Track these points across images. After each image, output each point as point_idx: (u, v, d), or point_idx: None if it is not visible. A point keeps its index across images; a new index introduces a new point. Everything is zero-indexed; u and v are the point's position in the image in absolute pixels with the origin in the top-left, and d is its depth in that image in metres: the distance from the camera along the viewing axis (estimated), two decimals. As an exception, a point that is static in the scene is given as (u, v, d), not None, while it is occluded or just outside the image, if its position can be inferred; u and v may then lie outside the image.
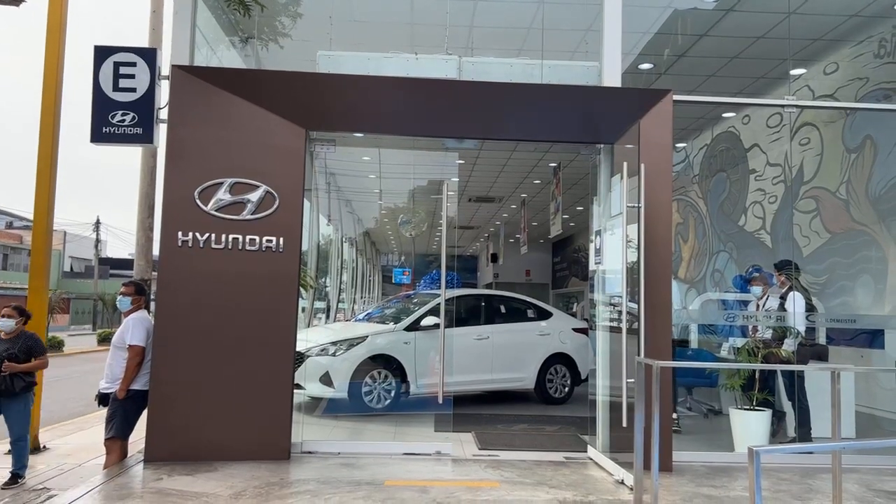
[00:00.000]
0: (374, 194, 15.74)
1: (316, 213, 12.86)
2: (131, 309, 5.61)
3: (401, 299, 10.05)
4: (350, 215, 17.86)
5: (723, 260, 10.70)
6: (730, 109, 9.97)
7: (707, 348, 8.90)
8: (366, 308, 13.42)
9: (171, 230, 5.54)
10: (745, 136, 10.09)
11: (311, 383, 7.79)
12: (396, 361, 8.07)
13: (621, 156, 5.80)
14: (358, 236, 20.25)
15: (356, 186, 14.66)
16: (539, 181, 15.27)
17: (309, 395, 8.09)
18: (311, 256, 12.78)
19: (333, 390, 7.78)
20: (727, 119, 10.49)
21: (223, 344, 5.53)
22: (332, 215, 15.76)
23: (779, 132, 9.09)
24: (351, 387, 7.80)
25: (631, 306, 5.37)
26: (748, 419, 6.24)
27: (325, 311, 14.80)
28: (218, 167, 5.63)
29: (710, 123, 10.89)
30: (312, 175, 12.08)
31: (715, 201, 10.90)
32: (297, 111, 5.77)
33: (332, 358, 7.86)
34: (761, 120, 9.54)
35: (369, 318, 9.50)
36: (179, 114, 5.63)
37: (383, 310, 9.81)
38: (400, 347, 8.14)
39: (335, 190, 14.38)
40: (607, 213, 6.00)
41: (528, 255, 26.03)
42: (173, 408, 5.45)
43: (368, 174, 13.29)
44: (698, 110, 10.18)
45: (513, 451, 6.19)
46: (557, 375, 9.26)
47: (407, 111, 5.95)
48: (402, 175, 11.11)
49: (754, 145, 9.82)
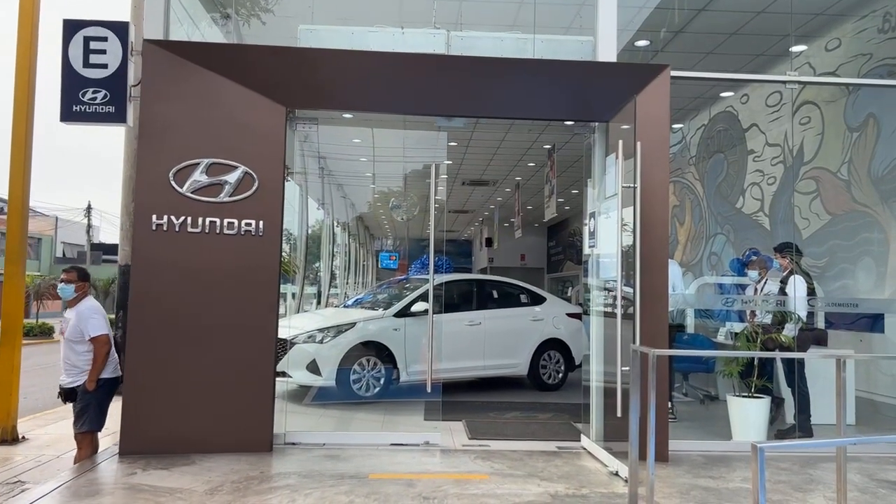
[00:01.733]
0: (363, 177, 15.48)
1: (304, 196, 12.62)
2: (76, 297, 5.25)
3: (391, 284, 9.83)
4: (342, 199, 17.60)
5: (720, 243, 10.50)
6: (728, 88, 9.71)
7: (703, 333, 8.72)
8: (359, 293, 13.17)
9: (145, 213, 5.28)
10: (744, 116, 9.84)
11: (297, 371, 7.58)
12: (386, 348, 7.86)
13: (616, 134, 5.55)
14: (350, 221, 20.00)
15: (345, 169, 14.39)
16: (533, 164, 15.03)
17: (296, 384, 7.89)
18: (300, 241, 12.55)
19: (321, 378, 7.57)
20: (725, 99, 10.23)
21: (201, 332, 5.30)
22: (323, 199, 15.50)
23: (778, 111, 8.84)
24: (339, 375, 7.59)
25: (626, 291, 5.16)
26: (746, 407, 6.06)
27: (316, 296, 14.60)
28: (194, 147, 5.37)
29: (708, 103, 10.63)
30: (302, 158, 11.84)
31: (712, 183, 10.67)
32: (276, 88, 5.50)
33: (319, 345, 7.64)
34: (760, 99, 9.29)
35: (359, 303, 9.28)
36: (152, 91, 5.35)
37: (374, 295, 9.58)
38: (389, 334, 7.92)
39: (325, 173, 14.11)
40: (602, 195, 5.77)
41: (523, 240, 25.80)
42: (149, 399, 5.23)
43: (356, 156, 13.02)
44: (695, 90, 9.93)
45: (504, 441, 5.99)
46: (551, 361, 9.08)
47: (392, 88, 5.69)
48: (391, 157, 10.84)
49: (753, 125, 9.58)
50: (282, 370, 7.62)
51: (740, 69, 8.80)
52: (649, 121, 5.46)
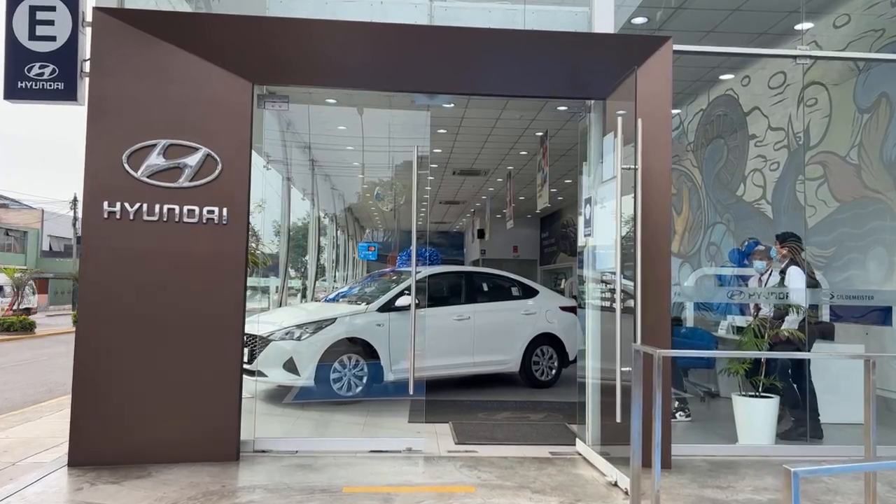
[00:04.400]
0: (345, 164, 14.98)
1: (286, 183, 12.11)
2: None
3: (377, 277, 9.34)
4: (327, 188, 17.08)
5: (719, 232, 10.06)
6: (729, 70, 9.27)
7: (703, 327, 8.31)
8: (345, 287, 12.68)
9: (96, 200, 4.79)
10: (745, 100, 9.38)
11: (274, 370, 7.11)
12: (369, 345, 7.39)
13: (615, 113, 5.08)
14: (339, 211, 19.47)
15: (325, 156, 13.88)
16: (525, 152, 14.56)
17: (273, 384, 7.42)
18: (283, 232, 12.04)
19: (299, 378, 7.09)
20: (725, 82, 9.78)
21: (160, 330, 4.82)
22: (308, 188, 14.99)
23: (782, 93, 8.39)
24: (318, 374, 7.13)
25: (626, 283, 4.71)
26: (753, 407, 5.63)
27: (301, 289, 14.11)
28: (150, 127, 4.87)
29: (707, 87, 10.18)
30: (283, 143, 11.33)
31: (711, 170, 10.22)
32: (242, 62, 5.01)
33: (296, 342, 7.16)
34: (763, 81, 8.84)
35: (342, 297, 8.79)
36: (103, 65, 4.84)
37: (358, 289, 9.10)
38: (372, 330, 7.45)
39: (307, 159, 13.60)
40: (598, 179, 5.30)
41: (516, 231, 25.38)
42: (102, 404, 4.75)
43: (336, 140, 12.51)
44: (694, 72, 9.49)
45: (493, 446, 5.54)
46: (544, 357, 8.64)
47: (369, 62, 5.20)
48: (374, 141, 10.34)
49: (754, 108, 9.13)
50: (257, 369, 7.17)
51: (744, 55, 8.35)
52: (650, 98, 5.00)
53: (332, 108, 8.32)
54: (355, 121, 10.53)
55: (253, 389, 7.71)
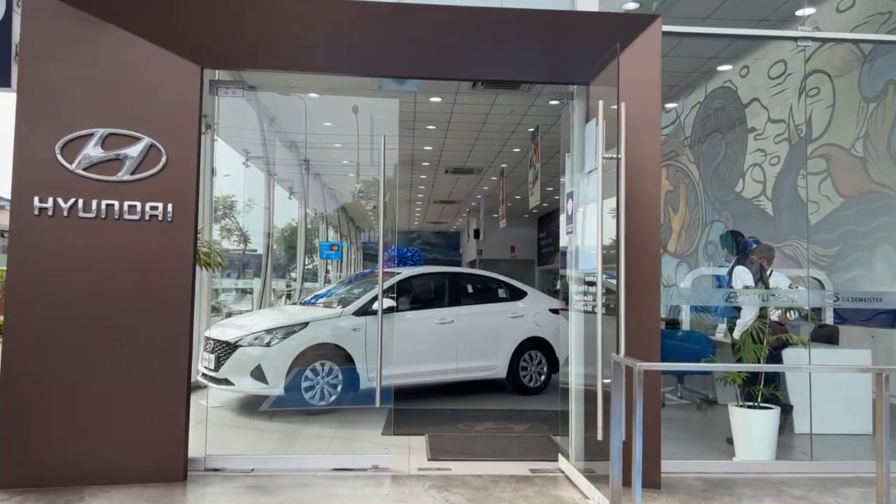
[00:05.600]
0: (336, 162, 14.56)
1: (268, 181, 11.67)
2: None
3: (358, 278, 8.90)
4: (318, 187, 16.65)
5: (717, 231, 9.61)
6: (727, 60, 8.82)
7: (700, 330, 7.88)
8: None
9: (26, 195, 4.34)
10: (744, 91, 8.94)
11: (241, 378, 6.66)
12: (344, 351, 6.95)
13: (598, 99, 4.63)
14: (330, 211, 19.03)
15: (314, 153, 13.46)
16: (519, 149, 14.15)
17: (241, 393, 6.98)
18: (265, 231, 11.61)
19: (267, 386, 6.65)
20: (722, 73, 9.32)
21: (96, 338, 4.38)
22: (294, 186, 14.56)
23: (782, 83, 7.95)
24: (289, 382, 6.68)
25: (611, 283, 4.26)
26: (752, 420, 5.17)
27: (285, 292, 13.67)
28: (87, 115, 4.43)
29: (704, 79, 9.73)
30: (262, 138, 10.88)
31: (709, 166, 9.77)
32: (189, 43, 4.56)
33: (264, 349, 6.71)
34: (762, 71, 8.40)
35: (319, 300, 8.35)
36: (34, 46, 4.40)
37: (340, 290, 8.65)
38: (347, 335, 7.01)
39: (294, 157, 13.18)
40: (581, 170, 4.86)
41: (513, 231, 24.94)
42: (31, 419, 4.30)
43: (322, 137, 12.09)
44: (690, 64, 9.05)
45: (469, 462, 5.10)
46: (532, 362, 8.19)
47: (330, 43, 4.76)
48: (350, 136, 9.89)
49: (754, 100, 8.68)
50: (224, 377, 6.73)
51: (736, 39, 7.91)
52: (637, 82, 4.56)
53: (316, 102, 7.89)
54: (340, 115, 10.10)
55: (215, 400, 7.30)
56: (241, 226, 15.22)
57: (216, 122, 8.49)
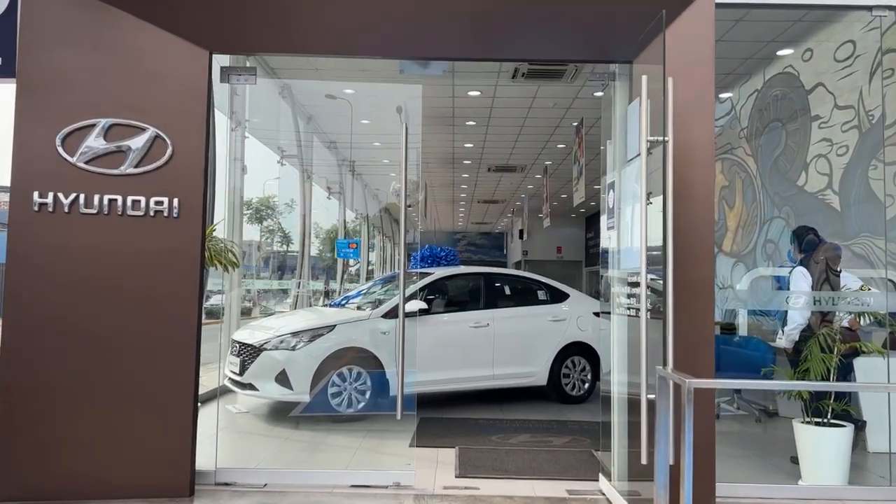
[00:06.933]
0: (377, 162, 14.29)
1: (305, 180, 11.44)
2: None
3: (389, 279, 8.53)
4: (361, 187, 16.41)
5: (777, 228, 8.89)
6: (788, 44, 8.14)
7: (759, 335, 7.25)
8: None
9: (25, 189, 4.10)
10: (807, 76, 8.23)
11: (265, 383, 6.36)
12: (372, 355, 6.58)
13: (643, 77, 4.14)
14: (373, 211, 18.78)
15: (355, 152, 13.22)
16: (563, 145, 13.62)
17: (266, 398, 6.69)
18: (302, 230, 11.36)
19: (292, 392, 6.33)
20: (782, 58, 8.63)
21: (97, 343, 4.10)
22: (334, 186, 14.34)
23: (851, 66, 7.25)
24: (314, 387, 6.35)
25: (658, 283, 3.77)
26: (821, 438, 4.58)
27: (325, 292, 13.44)
28: (89, 104, 4.17)
29: (761, 65, 9.04)
30: (297, 133, 10.64)
31: (767, 158, 9.07)
32: (197, 26, 4.27)
33: (289, 352, 6.40)
34: (827, 54, 7.69)
35: (349, 301, 8.01)
36: (34, 32, 4.16)
37: (370, 292, 8.29)
38: (376, 338, 6.64)
39: (329, 149, 12.94)
40: (623, 158, 4.36)
41: (559, 231, 24.32)
42: (30, 429, 4.05)
43: (361, 137, 11.82)
44: (746, 49, 8.40)
45: (500, 480, 4.66)
46: (575, 369, 7.68)
47: (348, 22, 4.38)
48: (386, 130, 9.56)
49: (818, 85, 7.97)
50: (248, 382, 6.45)
51: (798, 21, 7.29)
52: (687, 59, 4.06)
53: (355, 98, 7.56)
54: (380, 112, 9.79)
55: (243, 405, 7.03)
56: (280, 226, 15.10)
57: (246, 118, 8.21)
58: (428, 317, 7.02)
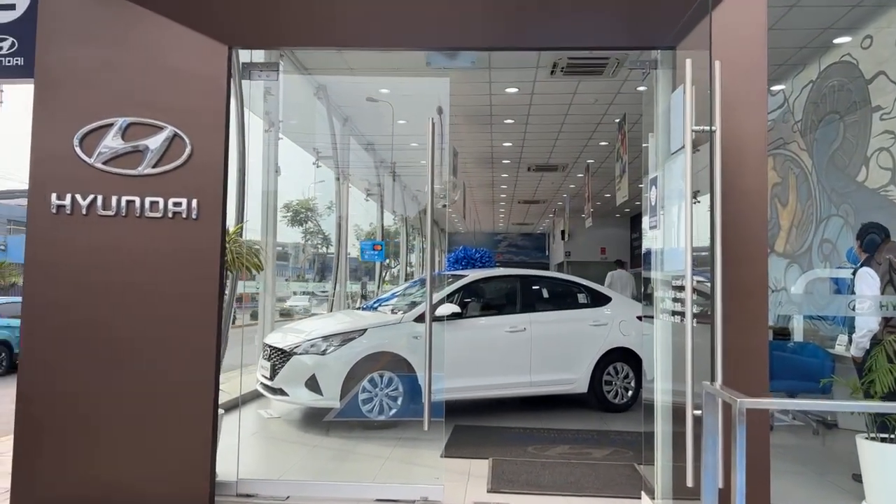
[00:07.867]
0: (415, 163, 14.09)
1: (342, 182, 11.32)
2: None
3: (423, 282, 8.31)
4: (399, 189, 16.26)
5: (835, 227, 8.36)
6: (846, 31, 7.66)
7: (816, 341, 6.81)
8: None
9: (43, 191, 4.01)
10: (866, 65, 7.71)
11: (295, 388, 6.21)
12: (404, 360, 6.37)
13: (687, 62, 3.82)
14: (413, 213, 18.63)
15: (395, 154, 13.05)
16: (606, 143, 13.22)
17: (296, 404, 6.53)
18: (339, 232, 11.23)
19: (322, 398, 6.16)
20: (839, 46, 8.13)
21: (115, 348, 3.98)
22: (371, 188, 14.23)
23: (916, 52, 6.75)
24: (344, 393, 6.17)
25: (706, 286, 3.45)
26: (888, 456, 4.17)
27: (362, 294, 13.33)
28: (106, 102, 4.05)
29: (816, 54, 8.54)
30: (332, 134, 10.51)
31: (824, 152, 8.55)
32: (216, 19, 4.12)
33: (320, 357, 6.23)
34: (889, 40, 7.19)
35: (381, 305, 7.82)
36: (52, 29, 4.07)
37: (403, 295, 8.09)
38: (408, 343, 6.43)
39: (367, 151, 12.79)
40: (666, 152, 4.04)
41: (603, 231, 23.79)
42: (49, 439, 3.95)
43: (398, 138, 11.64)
44: (800, 38, 7.95)
45: (535, 496, 4.38)
46: (618, 376, 7.33)
47: (374, 12, 4.17)
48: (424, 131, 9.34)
49: (879, 73, 7.45)
50: (279, 387, 6.31)
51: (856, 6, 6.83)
52: (736, 43, 3.71)
53: (394, 99, 7.36)
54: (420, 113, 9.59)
55: (275, 410, 6.90)
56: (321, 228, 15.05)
57: (280, 118, 8.07)
58: (461, 321, 6.78)
